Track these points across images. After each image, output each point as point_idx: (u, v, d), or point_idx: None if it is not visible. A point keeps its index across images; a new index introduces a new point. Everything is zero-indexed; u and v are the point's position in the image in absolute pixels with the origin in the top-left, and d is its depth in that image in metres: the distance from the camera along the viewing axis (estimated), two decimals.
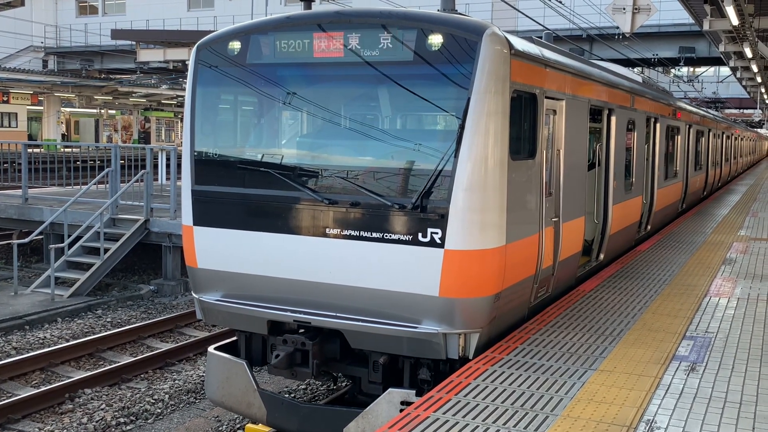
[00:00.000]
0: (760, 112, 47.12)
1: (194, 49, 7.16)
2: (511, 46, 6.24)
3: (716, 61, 36.72)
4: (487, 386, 5.41)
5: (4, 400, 8.93)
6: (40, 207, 16.05)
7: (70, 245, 14.27)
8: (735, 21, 14.25)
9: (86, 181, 16.83)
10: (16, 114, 46.00)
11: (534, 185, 6.91)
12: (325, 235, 6.42)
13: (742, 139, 37.42)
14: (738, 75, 28.44)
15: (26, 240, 14.49)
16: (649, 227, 13.07)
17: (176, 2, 47.27)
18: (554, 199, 7.60)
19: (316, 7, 7.02)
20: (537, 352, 6.21)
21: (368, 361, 6.68)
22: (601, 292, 8.49)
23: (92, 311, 13.08)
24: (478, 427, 4.70)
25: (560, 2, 19.37)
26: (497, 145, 6.08)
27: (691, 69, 47.77)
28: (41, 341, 11.31)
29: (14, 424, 8.42)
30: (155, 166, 19.36)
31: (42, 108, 46.31)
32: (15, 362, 9.98)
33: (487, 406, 5.03)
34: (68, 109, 51.56)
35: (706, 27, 17.46)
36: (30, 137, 47.36)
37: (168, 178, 17.57)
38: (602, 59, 16.53)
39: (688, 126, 16.95)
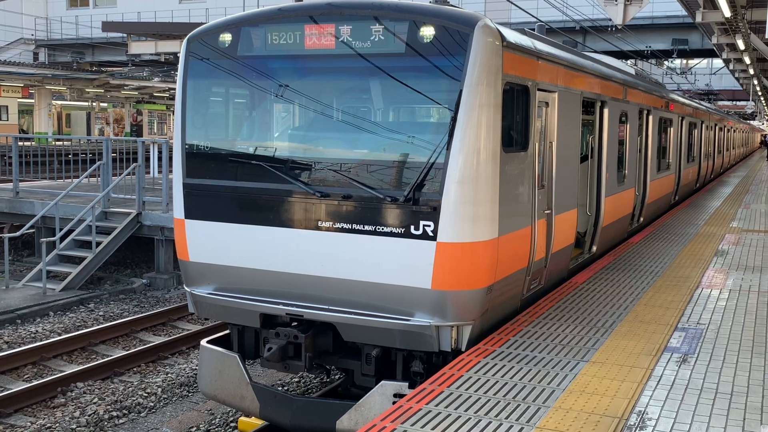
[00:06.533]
0: (753, 104, 47.22)
1: (185, 41, 7.11)
2: (503, 38, 6.23)
3: (709, 53, 36.76)
4: (479, 378, 5.42)
5: None
6: (31, 200, 15.97)
7: (62, 239, 14.21)
8: (727, 13, 14.25)
9: (78, 174, 16.76)
10: (7, 107, 45.72)
11: (526, 177, 6.90)
12: (318, 228, 6.41)
13: (734, 131, 37.53)
14: (731, 67, 28.46)
15: (17, 234, 14.42)
16: (641, 219, 13.10)
17: None
18: (547, 191, 7.60)
19: None
20: (529, 344, 6.22)
21: (361, 354, 6.68)
22: (593, 284, 8.50)
23: (84, 305, 13.04)
24: (470, 418, 4.71)
25: None
26: (489, 137, 6.07)
27: (684, 61, 47.81)
28: (33, 335, 11.28)
29: (6, 419, 8.40)
30: (147, 159, 19.29)
31: (33, 101, 46.02)
32: (7, 356, 9.95)
33: (480, 398, 5.04)
34: (60, 102, 51.24)
35: (698, 19, 17.45)
36: (21, 130, 47.14)
37: (160, 171, 17.52)
38: (595, 51, 16.53)
39: (680, 118, 16.97)
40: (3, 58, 43.46)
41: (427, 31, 6.05)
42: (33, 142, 32.47)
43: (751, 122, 70.10)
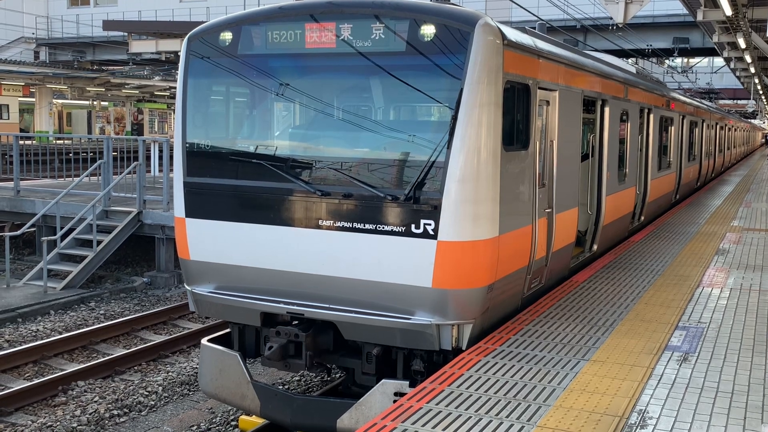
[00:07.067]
0: (754, 102, 47.20)
1: (185, 40, 7.11)
2: (504, 36, 6.22)
3: (710, 52, 36.74)
4: (480, 377, 5.42)
5: None
6: (32, 199, 15.98)
7: (63, 237, 14.22)
8: (728, 11, 14.24)
9: (79, 173, 16.76)
10: (8, 106, 45.76)
11: (527, 176, 6.90)
12: (318, 227, 6.41)
13: (735, 129, 37.50)
14: (732, 66, 28.46)
15: (18, 232, 14.43)
16: (642, 218, 13.09)
17: None
18: (547, 190, 7.59)
19: None
20: (530, 343, 6.21)
21: (362, 353, 6.68)
22: (594, 283, 8.50)
23: (85, 303, 13.05)
24: (471, 417, 4.71)
25: None
26: (490, 136, 6.06)
27: (685, 60, 47.76)
28: (34, 334, 11.28)
29: (7, 417, 8.40)
30: (148, 158, 19.29)
31: (34, 100, 46.05)
32: (7, 355, 9.95)
33: (480, 397, 5.04)
34: (60, 101, 51.25)
35: (699, 17, 17.45)
36: (20, 130, 47.15)
37: (161, 170, 17.52)
38: (596, 50, 16.52)
39: (681, 117, 16.96)
40: (4, 56, 43.45)
41: (428, 30, 6.04)
42: (34, 141, 32.47)
43: (752, 121, 70.02)
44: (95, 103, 51.54)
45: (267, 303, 6.70)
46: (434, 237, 5.97)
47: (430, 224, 5.98)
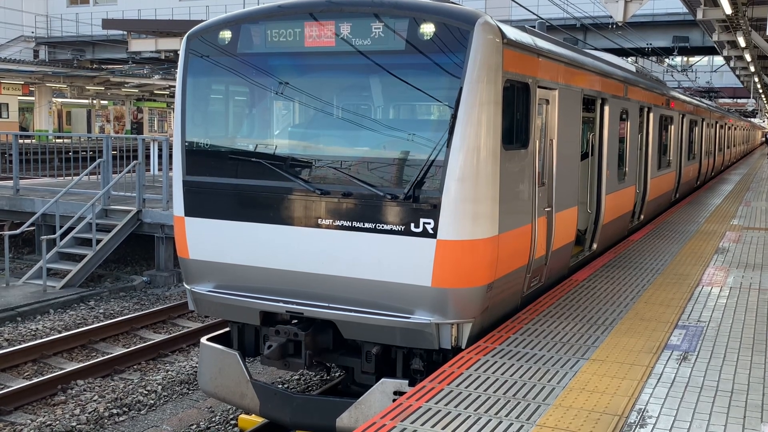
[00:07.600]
0: (754, 101, 47.19)
1: (185, 38, 7.10)
2: (503, 35, 6.21)
3: (710, 51, 36.73)
4: (479, 376, 5.42)
5: None
6: (31, 198, 15.98)
7: (62, 236, 14.21)
8: (728, 10, 14.23)
9: (78, 172, 16.75)
10: (8, 104, 45.78)
11: (527, 175, 6.89)
12: (318, 226, 6.40)
13: (735, 128, 37.49)
14: (731, 64, 28.45)
15: (18, 231, 14.43)
16: (642, 217, 13.09)
17: None
18: (547, 188, 7.59)
19: None
20: (529, 342, 6.21)
21: (361, 352, 6.68)
22: (593, 282, 8.50)
23: (85, 302, 13.05)
24: (470, 416, 4.70)
25: None
26: (489, 134, 6.06)
27: (685, 58, 47.74)
28: (33, 333, 11.28)
29: (6, 416, 8.40)
30: (147, 157, 19.28)
31: (33, 98, 46.06)
32: (7, 354, 9.95)
33: (480, 396, 5.04)
34: (60, 100, 51.25)
35: (699, 16, 17.44)
36: (20, 128, 47.16)
37: (160, 169, 17.52)
38: (596, 49, 16.50)
39: (681, 115, 16.95)
40: (3, 55, 43.42)
41: (428, 29, 6.03)
42: (33, 140, 32.45)
43: (752, 120, 70.01)
44: (95, 101, 51.52)
45: (266, 302, 6.70)
46: (434, 236, 5.97)
47: (429, 223, 5.98)
